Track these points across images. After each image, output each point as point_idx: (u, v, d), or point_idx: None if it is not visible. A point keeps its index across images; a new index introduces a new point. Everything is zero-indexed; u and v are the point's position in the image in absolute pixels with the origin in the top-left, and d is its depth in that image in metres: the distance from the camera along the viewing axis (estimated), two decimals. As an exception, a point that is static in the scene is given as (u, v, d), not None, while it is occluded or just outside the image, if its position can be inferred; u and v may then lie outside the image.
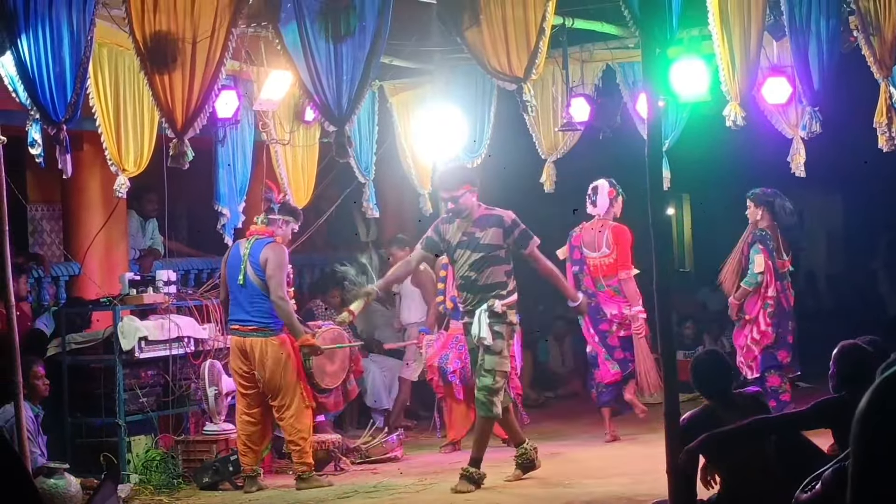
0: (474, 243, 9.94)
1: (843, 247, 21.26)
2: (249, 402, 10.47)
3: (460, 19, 9.26)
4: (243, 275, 10.35)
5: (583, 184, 12.66)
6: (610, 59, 13.33)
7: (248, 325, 10.36)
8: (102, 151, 10.55)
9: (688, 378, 7.48)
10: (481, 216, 9.99)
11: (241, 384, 10.47)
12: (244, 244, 10.49)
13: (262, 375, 10.31)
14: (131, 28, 8.95)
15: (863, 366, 6.68)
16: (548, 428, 13.52)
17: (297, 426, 10.41)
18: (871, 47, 10.40)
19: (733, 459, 7.05)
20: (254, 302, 10.33)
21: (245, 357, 10.35)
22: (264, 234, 10.47)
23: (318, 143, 12.82)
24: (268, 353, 10.29)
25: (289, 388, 10.37)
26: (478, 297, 10.00)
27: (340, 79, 9.27)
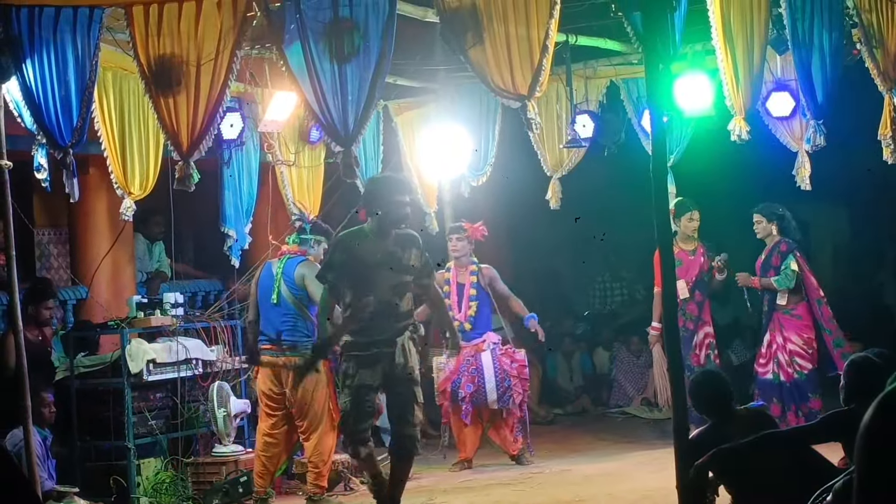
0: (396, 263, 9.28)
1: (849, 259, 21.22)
2: (275, 422, 10.44)
3: (463, 38, 9.26)
4: (277, 293, 10.34)
5: (588, 200, 12.68)
6: (614, 75, 13.35)
7: (283, 345, 10.35)
8: (108, 175, 10.57)
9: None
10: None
11: (268, 405, 10.45)
12: (276, 264, 10.50)
13: (294, 395, 10.29)
14: (136, 52, 8.97)
15: (872, 378, 6.67)
16: (557, 444, 13.50)
17: (321, 448, 10.39)
18: (875, 60, 10.40)
19: (743, 474, 7.04)
20: (286, 321, 10.32)
21: (277, 379, 10.34)
22: (296, 254, 10.50)
23: (324, 164, 12.84)
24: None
25: (319, 408, 10.36)
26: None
27: (346, 99, 9.28)
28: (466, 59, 9.32)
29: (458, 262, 12.26)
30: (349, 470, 11.37)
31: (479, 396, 11.97)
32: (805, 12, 10.14)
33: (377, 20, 9.00)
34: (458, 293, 12.20)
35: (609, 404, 16.26)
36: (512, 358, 12.10)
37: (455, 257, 12.24)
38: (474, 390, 11.94)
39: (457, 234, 12.26)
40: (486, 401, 12.02)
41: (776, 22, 10.38)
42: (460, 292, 12.19)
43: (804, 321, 12.16)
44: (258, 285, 10.53)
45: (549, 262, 18.94)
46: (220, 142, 11.19)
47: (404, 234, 9.25)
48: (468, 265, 12.25)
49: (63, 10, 8.89)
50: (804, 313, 12.15)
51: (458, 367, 11.96)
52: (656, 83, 7.37)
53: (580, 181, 13.69)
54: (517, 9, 9.17)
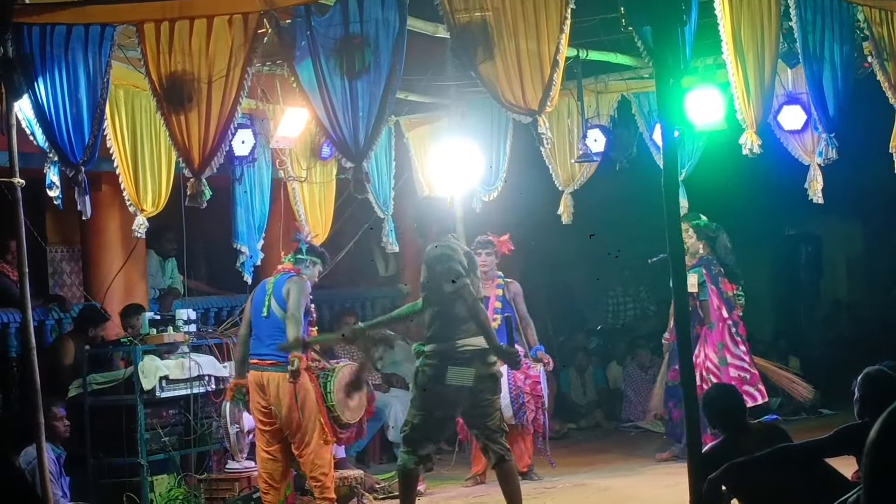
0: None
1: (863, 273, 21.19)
2: (269, 438, 10.40)
3: (474, 53, 9.25)
4: (267, 308, 10.34)
5: (600, 214, 12.69)
6: (625, 89, 13.35)
7: (266, 359, 10.33)
8: (121, 192, 10.60)
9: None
10: None
11: (260, 420, 10.40)
12: (269, 281, 10.50)
13: (279, 411, 10.26)
14: (147, 69, 8.98)
15: (887, 391, 6.66)
16: (571, 459, 13.49)
17: (317, 462, 10.36)
18: (886, 73, 10.41)
19: (756, 488, 7.02)
20: (273, 335, 10.30)
21: (263, 392, 10.31)
22: (290, 271, 10.50)
23: (336, 180, 12.84)
24: (283, 388, 10.25)
25: (308, 423, 10.31)
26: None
27: (357, 115, 9.28)
28: (477, 74, 9.31)
29: (484, 276, 12.22)
30: (362, 486, 11.35)
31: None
32: (816, 26, 10.13)
33: (387, 36, 9.01)
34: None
35: (622, 419, 16.24)
36: (526, 374, 12.07)
37: (484, 272, 12.19)
38: None
39: (486, 248, 12.21)
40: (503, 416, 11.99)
41: (787, 35, 10.37)
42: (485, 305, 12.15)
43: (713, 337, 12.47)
44: (252, 301, 10.53)
45: (562, 277, 18.95)
46: (232, 158, 11.20)
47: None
48: (494, 279, 12.26)
49: (74, 28, 8.91)
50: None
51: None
52: (667, 97, 7.37)
53: (592, 196, 13.69)
54: (527, 24, 9.17)
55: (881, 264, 20.15)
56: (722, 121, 10.93)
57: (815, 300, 21.54)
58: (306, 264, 10.60)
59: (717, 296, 12.45)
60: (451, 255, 9.13)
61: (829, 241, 21.40)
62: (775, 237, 21.12)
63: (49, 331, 12.17)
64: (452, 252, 9.17)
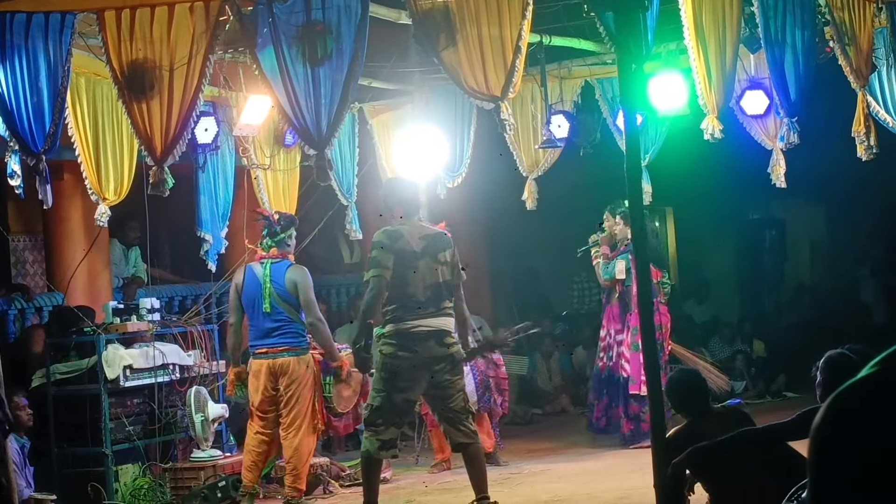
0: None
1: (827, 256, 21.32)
2: (267, 423, 10.38)
3: (436, 40, 9.25)
4: (269, 302, 10.27)
5: (565, 200, 12.70)
6: (588, 75, 13.37)
7: (276, 346, 10.31)
8: (83, 181, 10.54)
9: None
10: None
11: (261, 407, 10.37)
12: (259, 269, 10.38)
13: (286, 391, 10.27)
14: (108, 57, 8.95)
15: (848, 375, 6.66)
16: (537, 444, 13.52)
17: (301, 449, 10.34)
18: (847, 57, 10.46)
19: (720, 472, 7.05)
20: (280, 326, 10.28)
21: (273, 378, 10.27)
22: (278, 258, 10.44)
23: (299, 167, 12.81)
24: (297, 369, 10.25)
25: (304, 408, 10.34)
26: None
27: (319, 102, 9.26)
28: (439, 60, 9.32)
29: None
30: (328, 473, 11.35)
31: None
32: (777, 10, 10.17)
33: (350, 23, 9.00)
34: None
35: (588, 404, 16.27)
36: (488, 360, 12.14)
37: None
38: None
39: None
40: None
41: (749, 20, 10.41)
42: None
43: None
44: (243, 291, 10.45)
45: (527, 263, 18.98)
46: (195, 146, 11.17)
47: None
48: None
49: (34, 16, 8.86)
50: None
51: None
52: (629, 83, 7.37)
53: (556, 181, 13.70)
54: (490, 10, 9.18)
55: (844, 247, 20.28)
56: (685, 106, 10.97)
57: (780, 284, 21.66)
58: (286, 241, 10.56)
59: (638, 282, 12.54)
60: (380, 242, 9.21)
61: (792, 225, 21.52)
62: (739, 221, 21.23)
63: (12, 320, 12.12)
64: (386, 239, 9.23)
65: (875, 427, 2.02)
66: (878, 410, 2.04)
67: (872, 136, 11.07)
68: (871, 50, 10.83)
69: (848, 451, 2.03)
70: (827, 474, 2.05)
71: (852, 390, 2.10)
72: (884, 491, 1.98)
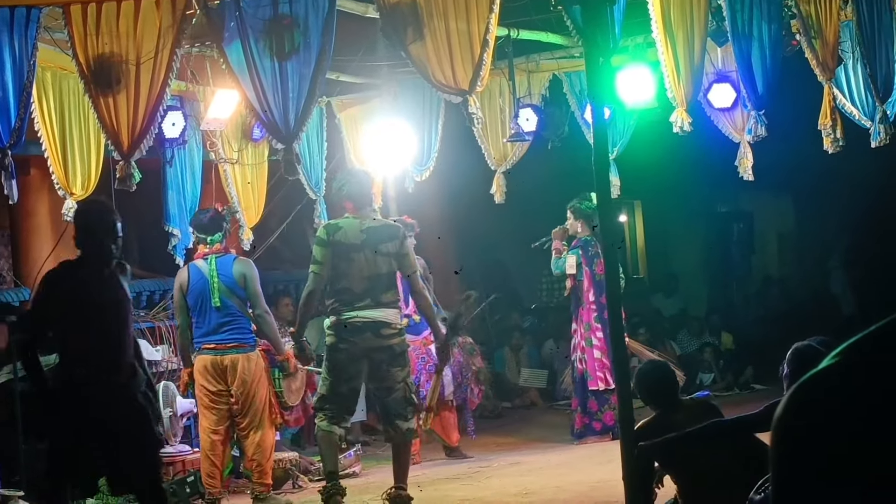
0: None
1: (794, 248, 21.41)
2: (218, 419, 10.28)
3: (404, 34, 9.24)
4: (218, 296, 10.21)
5: (533, 194, 12.72)
6: (556, 68, 13.37)
7: (225, 342, 10.25)
8: (49, 175, 10.50)
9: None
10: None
11: (210, 403, 10.26)
12: (203, 265, 10.31)
13: (240, 391, 10.21)
14: (74, 51, 8.91)
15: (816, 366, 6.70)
16: (506, 438, 13.54)
17: (263, 444, 10.32)
18: (814, 50, 10.50)
19: (688, 464, 7.07)
20: (228, 321, 10.22)
21: (220, 374, 10.22)
22: (222, 251, 10.39)
23: (267, 161, 12.79)
24: (247, 368, 10.21)
25: (260, 405, 10.31)
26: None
27: (287, 96, 9.25)
28: (407, 54, 9.31)
29: None
30: (297, 468, 11.35)
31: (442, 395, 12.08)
32: (744, 4, 10.21)
33: (317, 17, 8.99)
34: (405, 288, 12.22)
35: (556, 397, 16.31)
36: (466, 348, 12.30)
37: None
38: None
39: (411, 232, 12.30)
40: (444, 394, 12.11)
41: (716, 14, 10.44)
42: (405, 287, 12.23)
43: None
44: (189, 290, 10.34)
45: (496, 256, 19.00)
46: (162, 140, 11.13)
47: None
48: None
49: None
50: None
51: (415, 365, 11.93)
52: (597, 76, 7.38)
53: (525, 175, 13.71)
54: (457, 4, 9.17)
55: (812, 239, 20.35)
56: (652, 99, 10.98)
57: (748, 276, 21.75)
58: (224, 233, 10.52)
59: (588, 278, 12.61)
60: (318, 238, 9.48)
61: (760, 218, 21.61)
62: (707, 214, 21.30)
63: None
64: (324, 234, 9.52)
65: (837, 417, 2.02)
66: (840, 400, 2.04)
67: (839, 129, 11.13)
68: (838, 43, 10.88)
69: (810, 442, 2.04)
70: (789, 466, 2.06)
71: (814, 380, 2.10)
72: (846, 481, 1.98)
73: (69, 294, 7.38)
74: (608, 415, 12.28)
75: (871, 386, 2.01)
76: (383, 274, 9.44)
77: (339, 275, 9.40)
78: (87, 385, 7.35)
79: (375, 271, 9.42)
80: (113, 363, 7.42)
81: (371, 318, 9.36)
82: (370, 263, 9.41)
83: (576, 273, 12.60)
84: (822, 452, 2.01)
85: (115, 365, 7.42)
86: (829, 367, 2.09)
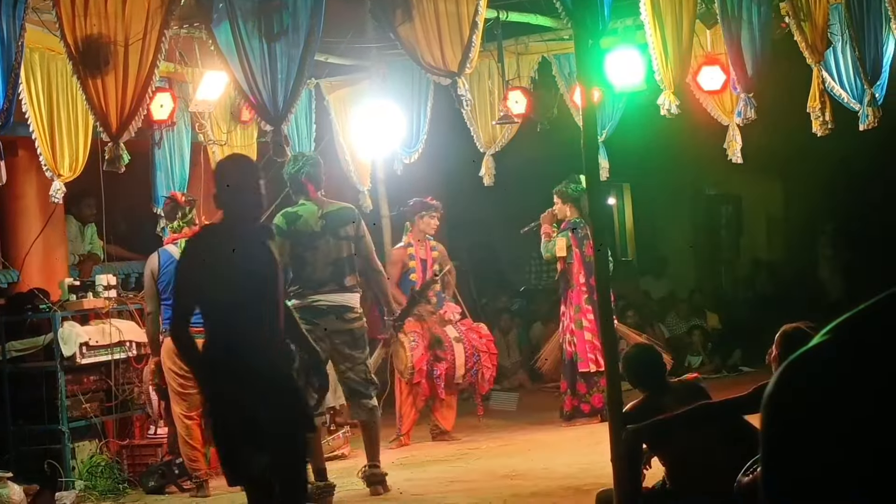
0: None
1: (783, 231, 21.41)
2: (189, 404, 10.28)
3: (393, 15, 9.25)
4: None
5: (522, 176, 12.72)
6: (545, 51, 13.35)
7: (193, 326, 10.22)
8: (37, 157, 10.47)
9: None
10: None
11: (180, 384, 10.23)
12: (175, 251, 10.25)
13: None
14: (62, 32, 8.88)
15: (804, 348, 6.69)
16: (495, 419, 13.54)
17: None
18: (803, 33, 10.49)
19: (677, 445, 7.09)
20: None
21: None
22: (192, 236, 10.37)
23: (256, 143, 12.76)
24: None
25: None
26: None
27: (275, 78, 9.24)
28: (396, 36, 9.32)
29: (420, 240, 12.42)
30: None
31: (449, 373, 12.11)
32: (733, -14, 10.19)
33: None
34: (423, 268, 12.31)
35: (545, 379, 16.31)
36: (478, 333, 12.34)
37: (430, 235, 12.42)
38: (447, 367, 12.08)
39: (437, 212, 12.46)
40: (455, 377, 12.16)
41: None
42: (424, 268, 12.31)
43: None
44: (160, 275, 10.31)
45: (485, 239, 19.00)
46: (151, 122, 11.10)
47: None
48: (427, 241, 12.42)
49: (-13, -9, 8.78)
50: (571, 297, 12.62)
51: (427, 345, 12.00)
52: (586, 58, 7.37)
53: (513, 157, 13.71)
54: (446, -15, 9.17)
55: (800, 222, 20.37)
56: (641, 82, 10.99)
57: (736, 259, 21.76)
58: (194, 220, 10.51)
59: (578, 259, 12.59)
60: (277, 227, 9.42)
61: (749, 200, 21.60)
62: (696, 197, 21.30)
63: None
64: (283, 223, 9.65)
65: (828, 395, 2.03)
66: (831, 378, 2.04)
67: (827, 112, 11.13)
68: (827, 26, 10.88)
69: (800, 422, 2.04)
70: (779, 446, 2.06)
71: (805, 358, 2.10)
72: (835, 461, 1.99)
73: (220, 259, 6.61)
74: (597, 397, 12.30)
75: (862, 363, 2.01)
76: (344, 258, 9.60)
77: (303, 262, 9.52)
78: (247, 357, 6.65)
79: (338, 255, 9.58)
80: (270, 331, 6.75)
81: (335, 301, 9.54)
82: (332, 249, 9.58)
83: (566, 255, 12.59)
84: (807, 433, 2.02)
85: (273, 332, 6.77)
86: (820, 345, 2.10)
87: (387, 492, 9.71)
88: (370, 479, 9.72)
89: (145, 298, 10.61)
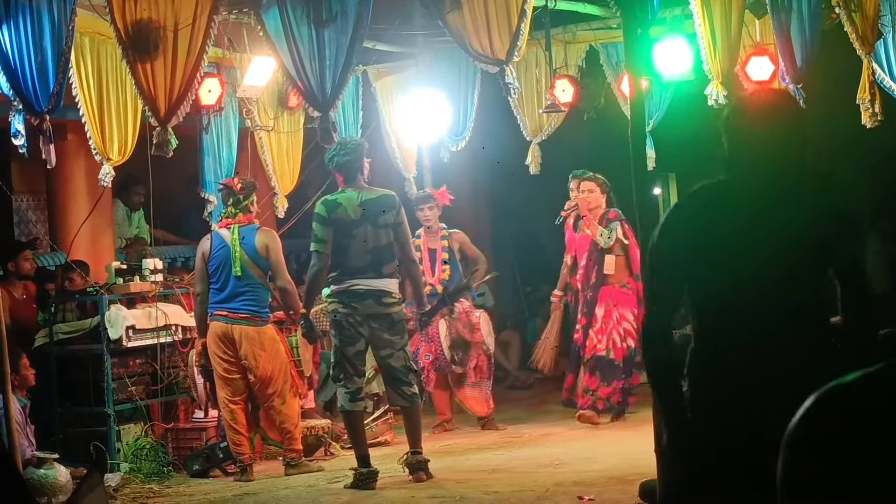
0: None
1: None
2: (233, 390, 10.38)
3: (442, 3, 9.25)
4: (239, 265, 10.28)
5: (568, 165, 12.68)
6: (593, 39, 13.31)
7: (238, 312, 10.31)
8: (86, 141, 10.52)
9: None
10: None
11: (225, 369, 10.35)
12: (227, 234, 10.37)
13: (254, 365, 10.26)
14: (112, 17, 8.92)
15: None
16: (536, 409, 13.55)
17: (288, 412, 10.41)
18: (853, 24, 10.42)
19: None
20: (247, 291, 10.28)
21: (230, 343, 10.29)
22: (245, 222, 10.43)
23: (303, 129, 12.80)
24: (260, 342, 10.28)
25: (280, 374, 10.38)
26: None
27: (324, 64, 9.26)
28: (444, 23, 9.32)
29: (428, 230, 12.35)
30: (329, 435, 11.40)
31: (440, 362, 12.07)
32: (784, -23, 10.14)
33: (355, -15, 8.98)
34: (431, 258, 12.27)
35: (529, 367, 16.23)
36: (465, 322, 12.16)
37: (427, 226, 12.32)
38: (434, 358, 12.04)
39: (427, 203, 12.35)
40: (447, 365, 12.14)
41: (755, -14, 10.38)
42: (433, 258, 12.27)
43: (635, 297, 12.05)
44: (210, 257, 10.41)
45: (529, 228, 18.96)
46: (199, 107, 11.13)
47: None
48: (438, 231, 12.35)
49: (39, -24, 8.84)
50: (637, 289, 11.98)
51: (416, 339, 11.87)
52: (634, 48, 7.37)
53: (560, 146, 13.68)
54: (495, -27, 9.16)
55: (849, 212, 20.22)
56: (689, 71, 10.94)
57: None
58: (249, 207, 10.55)
59: (639, 250, 12.22)
60: (318, 216, 9.56)
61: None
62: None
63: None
64: (324, 211, 9.62)
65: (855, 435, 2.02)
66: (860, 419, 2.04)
67: (877, 104, 11.05)
68: (878, 17, 10.79)
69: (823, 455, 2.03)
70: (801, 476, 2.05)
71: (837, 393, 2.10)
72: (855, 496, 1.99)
73: None
74: (609, 390, 11.96)
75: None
76: (384, 245, 9.60)
77: (342, 249, 9.55)
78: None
79: (377, 244, 9.59)
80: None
81: (374, 286, 9.57)
82: (372, 237, 9.58)
83: (612, 246, 12.23)
84: (833, 466, 2.01)
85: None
86: (855, 382, 2.09)
87: (429, 478, 9.72)
88: (412, 465, 9.75)
89: (195, 279, 10.67)
